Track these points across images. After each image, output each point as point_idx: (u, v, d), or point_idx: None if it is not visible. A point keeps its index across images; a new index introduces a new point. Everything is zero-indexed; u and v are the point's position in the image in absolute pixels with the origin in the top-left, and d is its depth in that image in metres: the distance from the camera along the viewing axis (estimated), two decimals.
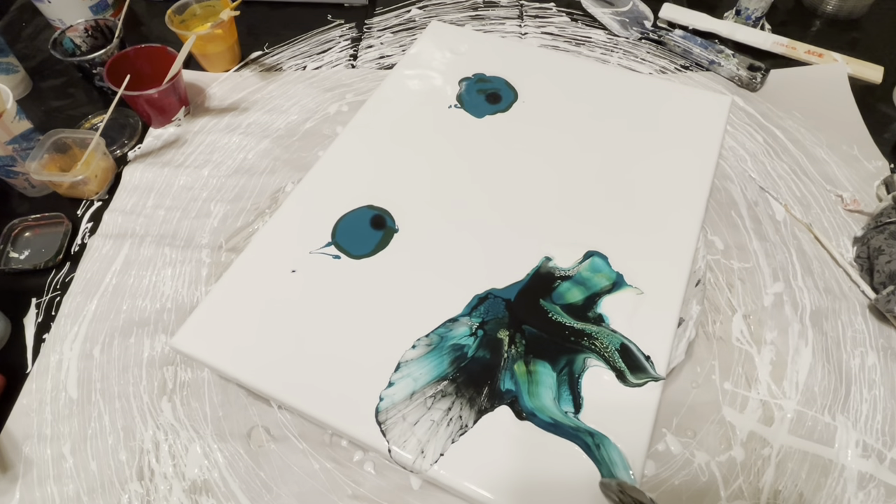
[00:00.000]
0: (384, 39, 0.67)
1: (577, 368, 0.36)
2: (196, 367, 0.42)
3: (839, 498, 0.35)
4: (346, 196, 0.45)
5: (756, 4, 0.63)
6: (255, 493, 0.37)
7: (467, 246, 0.42)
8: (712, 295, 0.44)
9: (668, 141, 0.48)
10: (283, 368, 0.37)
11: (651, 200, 0.44)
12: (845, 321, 0.42)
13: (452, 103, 0.52)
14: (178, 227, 0.50)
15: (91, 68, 0.59)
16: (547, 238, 0.42)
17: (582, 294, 0.39)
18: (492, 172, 0.47)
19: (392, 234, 0.43)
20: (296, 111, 0.59)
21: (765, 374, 0.40)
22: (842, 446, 0.37)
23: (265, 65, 0.65)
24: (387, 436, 0.34)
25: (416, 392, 0.36)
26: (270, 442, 0.39)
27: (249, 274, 0.41)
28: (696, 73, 0.61)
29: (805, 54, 0.61)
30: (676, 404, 0.39)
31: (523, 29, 0.67)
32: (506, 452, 0.33)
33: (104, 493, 0.37)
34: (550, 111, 0.51)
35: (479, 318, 0.39)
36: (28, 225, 0.51)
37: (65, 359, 0.43)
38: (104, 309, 0.45)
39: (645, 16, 0.67)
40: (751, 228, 0.48)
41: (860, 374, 0.40)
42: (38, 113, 0.61)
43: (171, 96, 0.57)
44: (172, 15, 0.60)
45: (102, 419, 0.40)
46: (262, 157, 0.55)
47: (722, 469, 0.36)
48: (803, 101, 0.57)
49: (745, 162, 0.53)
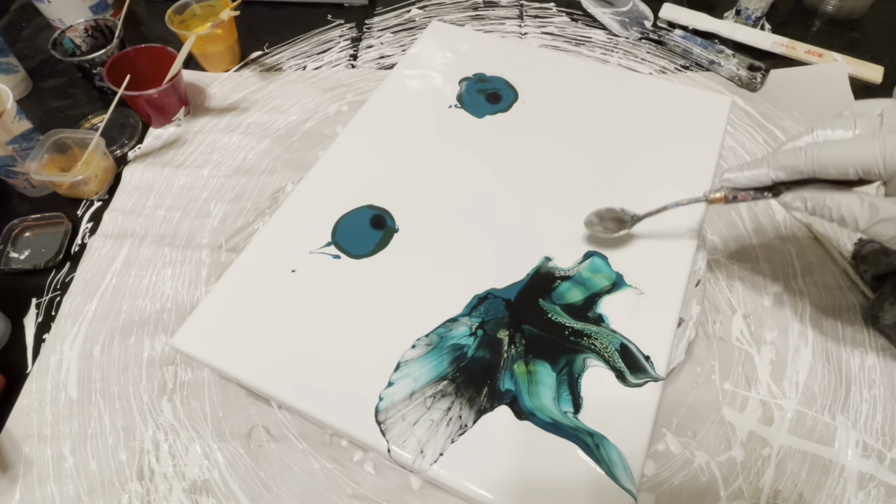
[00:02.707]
0: (384, 39, 0.67)
1: (576, 368, 0.36)
2: (196, 367, 0.42)
3: (839, 498, 0.35)
4: (346, 196, 0.45)
5: (756, 4, 0.63)
6: (255, 493, 0.37)
7: (467, 246, 0.42)
8: (712, 295, 0.44)
9: (668, 141, 0.48)
10: (283, 368, 0.37)
11: (651, 200, 0.44)
12: (845, 321, 0.42)
13: (453, 103, 0.52)
14: (178, 227, 0.50)
15: (91, 68, 0.59)
16: (547, 238, 0.42)
17: (582, 294, 0.39)
18: (492, 172, 0.47)
19: (392, 233, 0.43)
20: (296, 111, 0.59)
21: (765, 374, 0.40)
22: (842, 446, 0.37)
23: (265, 65, 0.65)
24: (386, 435, 0.34)
25: (416, 392, 0.36)
26: (270, 442, 0.39)
27: (249, 274, 0.41)
28: (696, 73, 0.61)
29: (805, 54, 0.61)
30: (676, 404, 0.39)
31: (523, 29, 0.67)
32: (505, 452, 0.33)
33: (104, 493, 0.37)
34: (550, 111, 0.51)
35: (478, 318, 0.39)
36: (28, 225, 0.51)
37: (65, 359, 0.43)
38: (104, 309, 0.45)
39: (645, 16, 0.67)
40: (751, 228, 0.48)
41: (860, 374, 0.40)
42: (38, 113, 0.61)
43: (171, 96, 0.57)
44: (172, 15, 0.60)
45: (102, 419, 0.40)
46: (262, 157, 0.55)
47: (722, 469, 0.36)
48: (803, 101, 0.57)
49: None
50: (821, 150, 0.31)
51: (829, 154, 0.31)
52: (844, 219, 0.31)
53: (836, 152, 0.31)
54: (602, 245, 0.42)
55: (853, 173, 0.30)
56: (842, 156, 0.30)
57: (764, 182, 0.34)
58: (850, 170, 0.30)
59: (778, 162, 0.33)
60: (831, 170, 0.31)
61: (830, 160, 0.31)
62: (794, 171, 0.32)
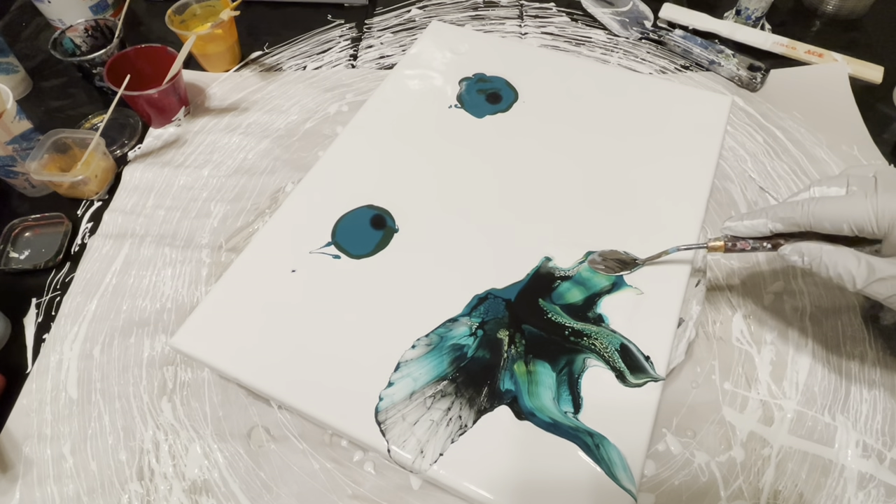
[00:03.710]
0: (384, 39, 0.67)
1: (576, 368, 0.36)
2: (196, 367, 0.42)
3: (839, 498, 0.35)
4: (346, 196, 0.45)
5: (756, 4, 0.63)
6: (255, 493, 0.37)
7: (467, 246, 0.42)
8: (712, 295, 0.44)
9: (668, 141, 0.48)
10: (283, 368, 0.37)
11: (651, 200, 0.44)
12: (845, 321, 0.42)
13: (453, 103, 0.52)
14: (178, 227, 0.50)
15: (91, 68, 0.59)
16: (547, 238, 0.42)
17: (582, 294, 0.39)
18: (492, 173, 0.47)
19: (392, 233, 0.43)
20: (296, 111, 0.59)
21: (765, 374, 0.40)
22: (842, 446, 0.37)
23: (265, 65, 0.65)
24: (386, 436, 0.34)
25: (416, 392, 0.36)
26: (270, 442, 0.39)
27: (249, 274, 0.41)
28: (696, 73, 0.61)
29: (805, 54, 0.61)
30: (676, 404, 0.39)
31: (523, 29, 0.67)
32: (505, 452, 0.33)
33: (104, 493, 0.37)
34: (551, 111, 0.51)
35: (478, 318, 0.39)
36: (28, 225, 0.51)
37: (65, 359, 0.43)
38: (104, 309, 0.45)
39: (645, 16, 0.67)
40: None
41: (860, 374, 0.40)
42: (38, 113, 0.61)
43: (171, 96, 0.57)
44: (172, 15, 0.60)
45: (102, 419, 0.40)
46: (262, 157, 0.55)
47: (722, 469, 0.36)
48: (803, 101, 0.57)
49: (745, 162, 0.53)
50: (816, 205, 0.33)
51: (825, 209, 0.32)
52: (841, 276, 0.32)
53: (831, 208, 0.32)
54: (602, 245, 0.42)
55: (847, 229, 0.32)
56: (836, 211, 0.32)
57: (762, 232, 0.35)
58: (843, 225, 0.32)
59: (776, 214, 0.34)
60: (826, 224, 0.32)
61: (825, 215, 0.32)
62: (790, 223, 0.34)
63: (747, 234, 0.36)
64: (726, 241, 0.37)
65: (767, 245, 0.36)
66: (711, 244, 0.37)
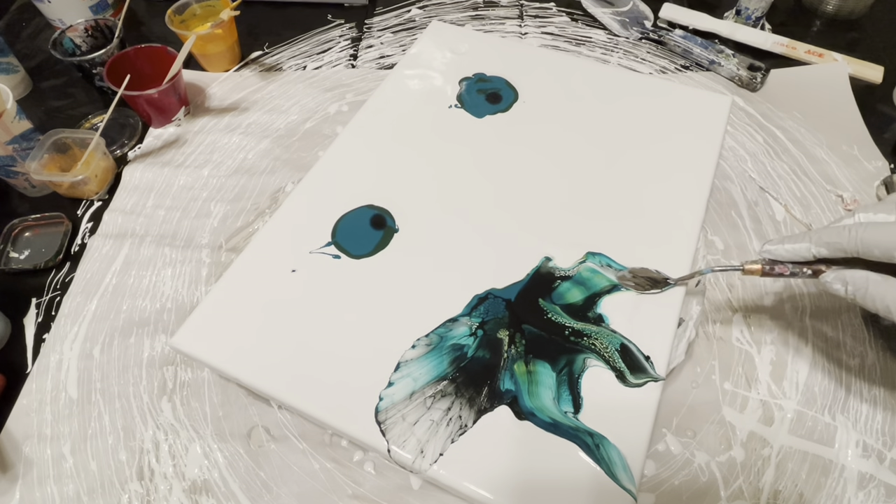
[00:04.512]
0: (384, 39, 0.67)
1: (576, 368, 0.36)
2: (196, 367, 0.42)
3: (839, 498, 0.35)
4: (346, 196, 0.45)
5: (756, 4, 0.63)
6: (255, 493, 0.37)
7: (467, 246, 0.42)
8: (712, 295, 0.44)
9: (668, 141, 0.48)
10: (283, 368, 0.37)
11: (651, 200, 0.44)
12: (845, 321, 0.42)
13: (453, 103, 0.52)
14: (178, 227, 0.50)
15: (91, 68, 0.59)
16: (547, 238, 0.42)
17: (582, 294, 0.39)
18: (492, 173, 0.47)
19: (392, 233, 0.43)
20: (296, 111, 0.59)
21: (765, 374, 0.40)
22: (842, 446, 0.37)
23: (265, 65, 0.65)
24: (386, 435, 0.34)
25: (416, 392, 0.36)
26: (270, 442, 0.39)
27: (249, 274, 0.41)
28: (696, 73, 0.61)
29: (805, 54, 0.61)
30: (676, 404, 0.39)
31: (523, 29, 0.67)
32: (505, 452, 0.33)
33: (104, 493, 0.37)
34: (551, 111, 0.51)
35: (478, 318, 0.39)
36: (28, 225, 0.51)
37: (65, 359, 0.43)
38: (104, 309, 0.45)
39: (645, 16, 0.67)
40: (751, 228, 0.48)
41: (860, 373, 0.40)
42: (38, 113, 0.61)
43: (171, 96, 0.57)
44: (172, 15, 0.60)
45: (102, 419, 0.40)
46: (262, 157, 0.55)
47: (722, 469, 0.36)
48: (803, 101, 0.57)
49: (745, 162, 0.53)
50: (865, 230, 0.31)
51: (874, 235, 0.30)
52: (889, 310, 0.30)
53: (883, 234, 0.30)
54: (602, 245, 0.42)
55: None
56: (888, 238, 0.30)
57: (805, 257, 0.34)
58: (895, 252, 0.30)
59: (821, 238, 0.32)
60: (875, 251, 0.30)
61: (875, 241, 0.30)
62: (836, 249, 0.32)
63: (787, 259, 0.34)
64: (764, 264, 0.35)
65: (808, 271, 0.34)
66: (748, 267, 0.36)
